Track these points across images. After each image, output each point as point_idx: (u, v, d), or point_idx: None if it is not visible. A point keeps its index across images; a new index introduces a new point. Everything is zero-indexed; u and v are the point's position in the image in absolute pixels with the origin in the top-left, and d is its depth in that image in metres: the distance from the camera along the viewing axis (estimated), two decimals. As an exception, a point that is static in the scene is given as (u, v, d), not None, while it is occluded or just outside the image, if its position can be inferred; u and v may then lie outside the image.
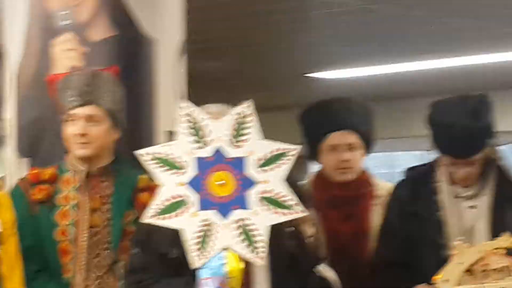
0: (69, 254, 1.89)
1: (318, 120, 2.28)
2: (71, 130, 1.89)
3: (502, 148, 2.31)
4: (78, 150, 1.89)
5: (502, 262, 1.74)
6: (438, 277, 1.74)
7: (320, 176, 2.33)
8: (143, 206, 1.66)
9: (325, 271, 1.94)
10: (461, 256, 1.74)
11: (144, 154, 1.59)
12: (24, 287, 1.74)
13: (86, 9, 2.23)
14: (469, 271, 1.73)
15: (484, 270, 1.73)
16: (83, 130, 1.86)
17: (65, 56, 2.22)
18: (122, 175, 1.95)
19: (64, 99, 1.94)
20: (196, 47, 3.67)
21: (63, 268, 1.90)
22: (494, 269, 1.74)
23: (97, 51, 2.27)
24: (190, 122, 1.59)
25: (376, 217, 2.21)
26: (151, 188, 1.78)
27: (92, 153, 1.89)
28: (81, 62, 2.22)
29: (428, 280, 1.81)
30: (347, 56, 6.16)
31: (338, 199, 2.22)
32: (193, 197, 1.55)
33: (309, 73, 6.94)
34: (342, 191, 2.22)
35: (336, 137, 2.20)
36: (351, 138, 2.22)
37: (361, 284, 2.10)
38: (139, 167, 1.69)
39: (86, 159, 1.90)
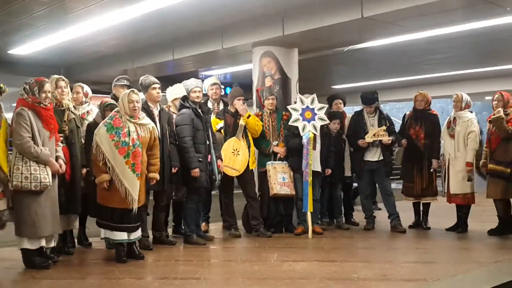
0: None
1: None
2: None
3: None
4: None
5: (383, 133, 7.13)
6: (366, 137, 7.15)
7: None
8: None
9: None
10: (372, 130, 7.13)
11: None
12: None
13: (275, 71, 8.10)
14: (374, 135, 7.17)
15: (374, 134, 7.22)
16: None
17: (268, 82, 8.09)
18: None
19: (263, 96, 7.47)
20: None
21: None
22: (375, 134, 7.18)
23: (275, 82, 8.12)
24: (300, 101, 7.05)
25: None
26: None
27: None
28: (272, 84, 8.08)
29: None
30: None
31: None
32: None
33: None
34: None
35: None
36: None
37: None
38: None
39: None
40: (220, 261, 5.56)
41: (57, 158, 5.01)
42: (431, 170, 7.00)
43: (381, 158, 7.06)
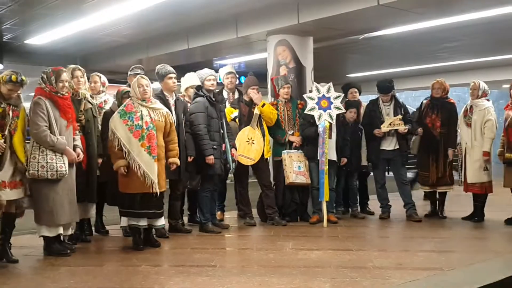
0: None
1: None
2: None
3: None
4: None
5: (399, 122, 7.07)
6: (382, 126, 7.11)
7: None
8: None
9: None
10: (388, 120, 7.12)
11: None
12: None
13: (290, 60, 8.08)
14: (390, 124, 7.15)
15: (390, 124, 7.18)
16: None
17: (282, 70, 8.08)
18: None
19: (278, 84, 7.47)
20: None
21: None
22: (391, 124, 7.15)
23: (290, 71, 8.11)
24: (316, 90, 7.06)
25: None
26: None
27: None
28: (286, 72, 8.06)
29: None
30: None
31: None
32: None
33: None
34: None
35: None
36: None
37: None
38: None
39: None
40: (235, 249, 5.59)
41: (75, 147, 5.06)
42: (448, 160, 6.95)
43: (397, 147, 7.02)
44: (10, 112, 4.66)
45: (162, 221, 5.49)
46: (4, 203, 4.59)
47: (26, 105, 5.00)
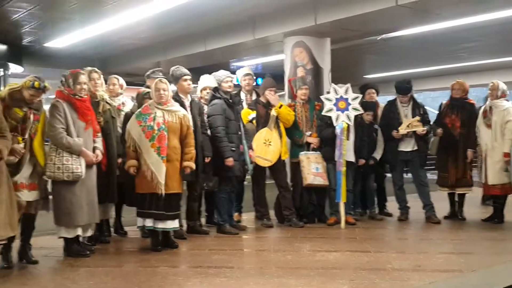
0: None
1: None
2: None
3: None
4: None
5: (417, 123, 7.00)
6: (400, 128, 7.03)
7: None
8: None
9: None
10: (406, 121, 7.07)
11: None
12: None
13: (307, 61, 8.07)
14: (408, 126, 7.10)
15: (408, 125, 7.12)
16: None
17: (300, 72, 8.07)
18: None
19: (295, 86, 7.41)
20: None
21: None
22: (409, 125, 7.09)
23: (307, 72, 8.09)
24: (334, 91, 7.02)
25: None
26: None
27: None
28: (304, 74, 8.05)
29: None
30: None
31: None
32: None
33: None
34: None
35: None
36: None
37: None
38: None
39: None
40: (253, 251, 5.58)
41: (94, 149, 5.11)
42: (467, 160, 6.87)
43: (416, 148, 6.96)
44: (31, 116, 4.71)
45: (175, 224, 5.43)
46: (24, 204, 4.64)
47: (47, 107, 5.06)
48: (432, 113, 8.16)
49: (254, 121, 6.76)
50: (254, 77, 7.47)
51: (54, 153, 4.83)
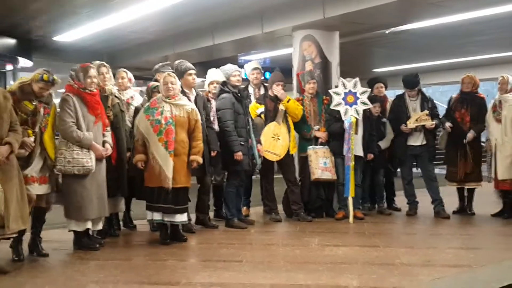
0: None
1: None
2: None
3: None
4: None
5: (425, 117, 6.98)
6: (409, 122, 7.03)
7: None
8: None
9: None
10: (414, 115, 7.03)
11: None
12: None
13: (316, 55, 8.05)
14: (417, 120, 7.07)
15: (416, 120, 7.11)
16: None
17: (308, 66, 8.06)
18: None
19: (303, 80, 7.42)
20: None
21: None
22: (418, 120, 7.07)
23: (315, 66, 8.07)
24: (343, 85, 7.01)
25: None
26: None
27: None
28: (312, 68, 8.04)
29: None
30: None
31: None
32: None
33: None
34: None
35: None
36: None
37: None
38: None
39: None
40: (261, 245, 5.59)
41: (104, 143, 5.13)
42: (464, 141, 6.80)
43: (424, 142, 6.94)
44: (41, 110, 4.74)
45: (183, 218, 5.45)
46: (34, 197, 4.68)
47: (57, 101, 5.08)
48: (441, 107, 8.11)
49: (262, 115, 6.75)
50: (262, 71, 7.46)
51: (64, 147, 4.85)
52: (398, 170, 7.45)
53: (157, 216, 5.33)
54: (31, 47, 11.69)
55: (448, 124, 6.90)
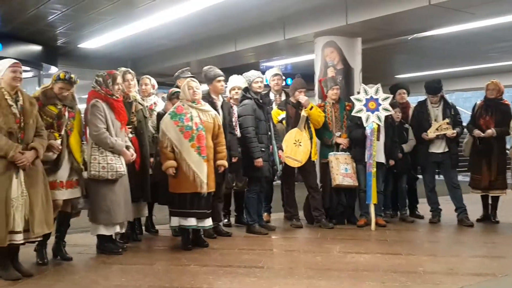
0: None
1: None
2: None
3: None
4: None
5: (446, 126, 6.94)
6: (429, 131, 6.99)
7: None
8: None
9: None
10: (435, 124, 6.98)
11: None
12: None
13: (338, 61, 8.04)
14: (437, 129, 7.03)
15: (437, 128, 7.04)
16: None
17: (330, 72, 8.05)
18: None
19: (326, 86, 7.39)
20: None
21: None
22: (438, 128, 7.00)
23: (337, 72, 8.06)
24: (364, 91, 6.96)
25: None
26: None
27: None
28: (334, 74, 8.03)
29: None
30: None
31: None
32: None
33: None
34: None
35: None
36: None
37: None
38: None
39: None
40: (282, 251, 5.59)
41: (128, 148, 5.20)
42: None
43: (447, 149, 6.87)
44: (66, 113, 4.81)
45: (210, 222, 5.53)
46: (60, 204, 4.74)
47: (81, 107, 5.16)
48: (464, 113, 8.02)
49: (284, 122, 6.76)
50: (283, 77, 7.47)
51: (97, 152, 4.92)
52: (421, 176, 7.38)
53: (190, 222, 5.34)
54: (56, 53, 11.89)
55: (476, 131, 6.79)
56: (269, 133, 6.30)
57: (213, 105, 5.88)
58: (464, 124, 7.18)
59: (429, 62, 14.20)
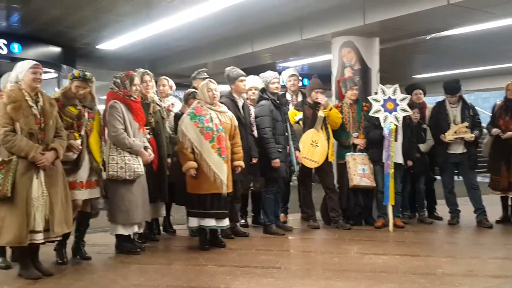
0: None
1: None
2: None
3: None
4: None
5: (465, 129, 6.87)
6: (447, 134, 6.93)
7: None
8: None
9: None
10: (453, 128, 6.92)
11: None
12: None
13: (355, 62, 8.02)
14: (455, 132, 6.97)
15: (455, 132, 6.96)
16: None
17: (347, 72, 8.04)
18: None
19: (344, 86, 7.38)
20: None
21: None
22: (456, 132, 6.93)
23: (355, 73, 8.03)
24: (382, 92, 6.93)
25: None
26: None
27: None
28: (351, 74, 8.00)
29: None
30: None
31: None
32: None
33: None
34: None
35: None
36: None
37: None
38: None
39: None
40: (299, 252, 5.59)
41: (145, 148, 5.24)
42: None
43: (465, 150, 6.80)
44: (86, 114, 4.86)
45: (227, 222, 5.56)
46: (80, 204, 4.79)
47: (100, 108, 5.21)
48: (483, 114, 7.93)
49: (301, 122, 6.75)
50: (300, 78, 7.46)
51: (115, 153, 4.97)
52: (439, 177, 7.31)
53: (210, 222, 5.37)
54: (75, 55, 12.02)
55: (494, 130, 6.72)
56: (286, 133, 6.30)
57: (236, 105, 5.91)
58: (483, 124, 7.11)
59: (448, 62, 14.07)
